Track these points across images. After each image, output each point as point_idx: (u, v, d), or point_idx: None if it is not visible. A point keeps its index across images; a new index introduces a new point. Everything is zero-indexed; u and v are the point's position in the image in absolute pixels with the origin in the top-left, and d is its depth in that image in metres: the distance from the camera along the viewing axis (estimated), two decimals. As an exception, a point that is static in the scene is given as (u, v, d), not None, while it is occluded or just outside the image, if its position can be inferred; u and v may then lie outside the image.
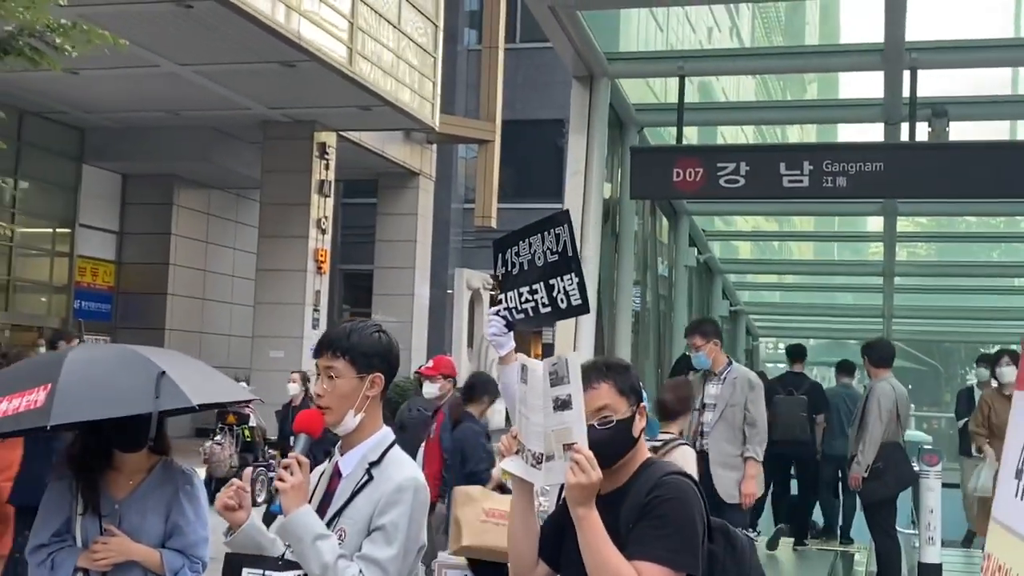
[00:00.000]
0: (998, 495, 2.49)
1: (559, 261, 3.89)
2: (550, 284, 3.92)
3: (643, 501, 2.74)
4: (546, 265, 3.93)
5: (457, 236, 33.28)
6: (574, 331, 8.73)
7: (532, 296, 3.98)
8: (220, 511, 2.84)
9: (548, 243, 3.93)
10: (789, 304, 22.11)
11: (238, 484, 2.83)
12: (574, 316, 4.08)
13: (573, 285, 3.83)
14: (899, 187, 8.89)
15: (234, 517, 2.83)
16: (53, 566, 3.60)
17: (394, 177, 28.51)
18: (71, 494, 3.66)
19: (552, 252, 3.93)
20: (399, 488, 2.84)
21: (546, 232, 3.97)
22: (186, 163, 25.22)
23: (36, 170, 23.85)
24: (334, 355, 2.92)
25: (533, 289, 3.98)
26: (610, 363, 2.95)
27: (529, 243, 4.04)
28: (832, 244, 20.00)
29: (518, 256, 4.10)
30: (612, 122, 10.05)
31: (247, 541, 2.83)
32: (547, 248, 3.94)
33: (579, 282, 3.81)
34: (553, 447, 2.73)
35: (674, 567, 2.66)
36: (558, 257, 3.90)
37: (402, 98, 22.81)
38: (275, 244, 23.69)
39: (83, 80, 19.21)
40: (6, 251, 23.16)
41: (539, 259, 3.97)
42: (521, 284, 4.05)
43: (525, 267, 4.06)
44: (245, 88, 20.98)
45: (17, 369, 3.86)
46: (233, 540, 2.84)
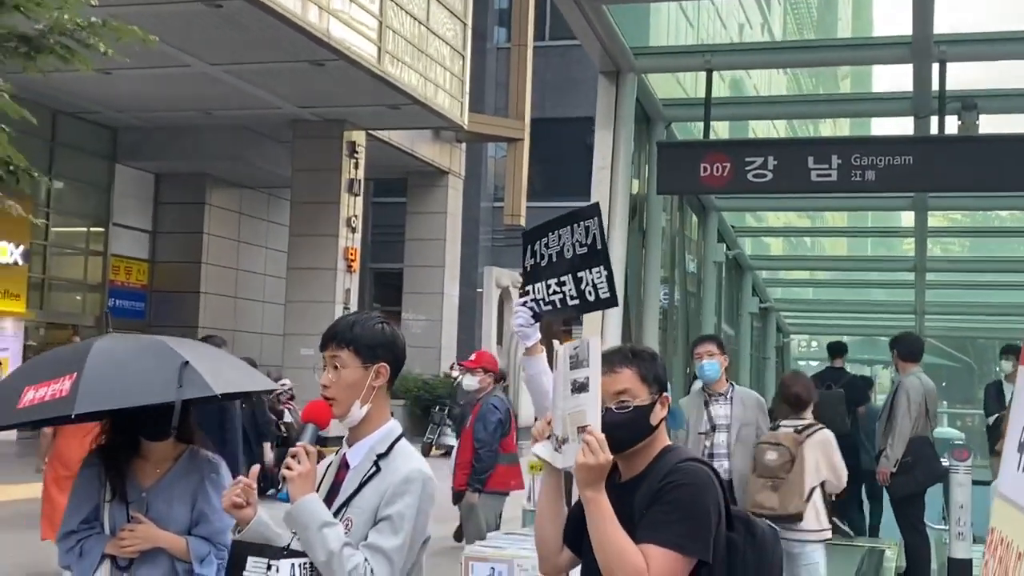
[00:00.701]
0: (1002, 469, 2.48)
1: (588, 254, 3.87)
2: (578, 277, 3.91)
3: (657, 487, 2.74)
4: (575, 257, 3.91)
5: (487, 234, 33.32)
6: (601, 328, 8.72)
7: (560, 288, 3.96)
8: (228, 509, 2.87)
9: (577, 235, 3.92)
10: (820, 301, 21.95)
11: (245, 482, 2.86)
12: (602, 309, 4.07)
13: (602, 278, 3.81)
14: (928, 180, 8.81)
15: (241, 514, 2.87)
16: (82, 553, 3.65)
17: (423, 176, 28.58)
18: (99, 482, 3.71)
19: (581, 244, 3.91)
20: (407, 479, 2.86)
21: (575, 224, 3.95)
22: (217, 162, 25.40)
23: (70, 170, 24.10)
24: (339, 346, 2.94)
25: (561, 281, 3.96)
26: (636, 350, 2.96)
27: (559, 235, 4.03)
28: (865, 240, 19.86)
29: (547, 248, 4.09)
30: (639, 117, 10.02)
31: (256, 537, 2.86)
32: (576, 240, 3.93)
33: (608, 275, 3.78)
34: (568, 430, 2.75)
35: (683, 552, 2.64)
36: (587, 250, 3.88)
37: (431, 97, 22.86)
38: (306, 243, 23.81)
39: (115, 80, 19.39)
40: (41, 250, 23.41)
41: (568, 251, 3.96)
42: (549, 276, 4.03)
43: (554, 259, 4.05)
44: (275, 87, 21.10)
45: (44, 359, 3.91)
46: (242, 536, 2.87)
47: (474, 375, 8.88)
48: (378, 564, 2.76)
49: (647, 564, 2.62)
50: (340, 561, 2.73)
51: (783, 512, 6.41)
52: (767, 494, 6.51)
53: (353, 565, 2.73)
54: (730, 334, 16.54)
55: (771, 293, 19.66)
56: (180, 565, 3.71)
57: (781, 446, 6.60)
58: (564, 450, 2.77)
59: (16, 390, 3.43)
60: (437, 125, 25.47)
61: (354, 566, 2.73)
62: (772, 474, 6.56)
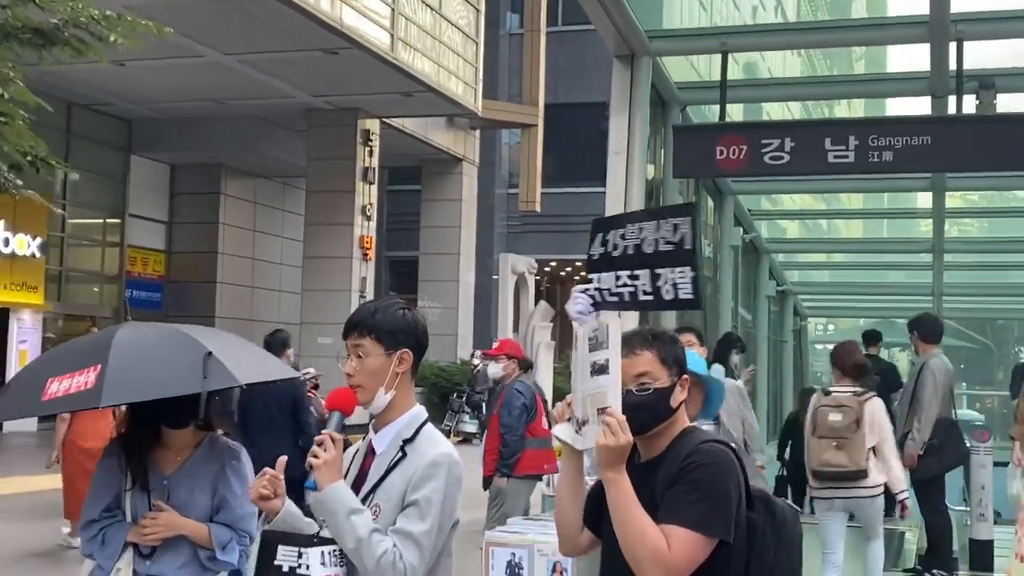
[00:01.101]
0: None
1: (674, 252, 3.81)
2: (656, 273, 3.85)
3: (678, 467, 2.73)
4: (657, 253, 3.85)
5: (501, 221, 33.30)
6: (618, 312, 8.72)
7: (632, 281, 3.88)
8: (255, 501, 2.87)
9: (663, 231, 3.86)
10: (838, 284, 21.89)
11: (271, 473, 2.86)
12: (679, 309, 4.01)
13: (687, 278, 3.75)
14: (946, 160, 8.75)
15: (269, 506, 2.86)
16: (104, 541, 3.66)
17: (438, 163, 28.58)
18: (120, 470, 3.72)
19: (666, 241, 3.86)
20: (433, 463, 2.85)
21: (663, 220, 3.90)
22: (232, 152, 25.45)
23: (85, 161, 24.17)
24: (361, 334, 2.93)
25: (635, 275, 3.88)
26: (656, 332, 2.96)
27: (639, 227, 3.97)
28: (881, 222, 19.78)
29: (623, 239, 4.03)
30: (654, 101, 9.98)
31: (284, 528, 2.86)
32: (661, 236, 3.86)
33: (694, 276, 3.71)
34: (588, 411, 2.75)
35: (704, 532, 2.64)
36: (673, 248, 3.82)
37: (444, 83, 22.84)
38: (321, 232, 23.85)
39: (129, 71, 19.42)
40: (58, 242, 23.51)
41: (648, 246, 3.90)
42: (621, 267, 3.97)
43: (629, 251, 3.98)
44: (289, 76, 21.11)
45: (67, 350, 3.91)
46: (272, 526, 2.87)
47: (498, 362, 8.95)
48: (407, 549, 2.76)
49: (668, 544, 2.62)
50: (369, 547, 2.73)
51: (853, 468, 6.93)
52: (833, 453, 6.96)
53: (382, 551, 2.73)
54: (747, 318, 16.51)
55: (788, 276, 19.61)
56: (202, 552, 3.72)
57: (845, 407, 7.03)
58: (584, 432, 2.77)
59: (40, 381, 3.43)
60: (451, 112, 25.44)
61: (383, 551, 2.73)
62: (838, 435, 6.98)
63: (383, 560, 2.72)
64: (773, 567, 2.77)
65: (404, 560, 2.74)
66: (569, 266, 34.92)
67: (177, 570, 3.70)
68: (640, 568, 2.64)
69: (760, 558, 2.75)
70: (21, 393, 3.65)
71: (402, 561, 2.74)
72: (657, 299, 3.78)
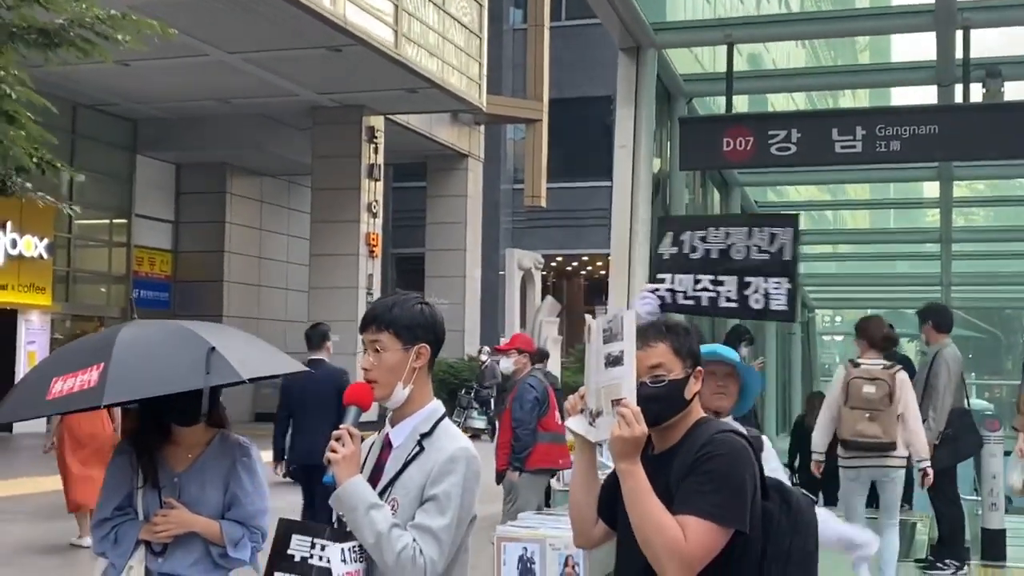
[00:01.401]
0: None
1: (769, 262, 3.67)
2: (745, 281, 3.71)
3: (692, 458, 2.72)
4: (748, 261, 3.71)
5: (507, 217, 33.30)
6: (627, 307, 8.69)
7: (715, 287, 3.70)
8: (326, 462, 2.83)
9: (757, 239, 3.74)
10: (845, 275, 21.83)
11: (348, 428, 2.83)
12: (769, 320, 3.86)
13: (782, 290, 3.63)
14: (954, 149, 8.72)
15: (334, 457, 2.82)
16: (116, 539, 3.65)
17: (443, 159, 28.58)
18: (131, 468, 3.72)
19: (760, 250, 3.73)
20: (451, 458, 2.84)
21: (757, 228, 3.77)
22: (238, 151, 25.47)
23: (91, 162, 24.17)
24: (378, 329, 2.92)
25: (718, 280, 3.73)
26: (670, 324, 2.94)
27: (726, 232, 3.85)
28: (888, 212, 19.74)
29: (703, 241, 3.90)
30: (660, 94, 9.94)
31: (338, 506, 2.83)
32: (754, 244, 3.73)
33: (790, 289, 3.53)
34: (602, 403, 2.73)
35: (719, 522, 2.62)
36: (768, 257, 3.69)
37: (449, 79, 22.83)
38: (327, 229, 23.86)
39: (134, 72, 19.44)
40: (65, 243, 23.55)
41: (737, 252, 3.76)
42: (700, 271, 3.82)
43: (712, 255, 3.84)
44: (293, 74, 21.12)
45: (71, 349, 3.90)
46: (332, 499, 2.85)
47: (509, 357, 8.93)
48: (427, 544, 2.75)
49: (684, 535, 2.61)
50: (389, 542, 2.72)
51: (886, 440, 7.13)
52: (866, 424, 7.13)
53: (402, 546, 2.72)
54: (755, 310, 16.47)
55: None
56: (214, 549, 3.71)
57: (879, 380, 7.19)
58: (598, 423, 2.76)
59: (44, 381, 3.43)
60: (455, 108, 25.44)
61: (403, 547, 2.72)
62: (872, 406, 7.14)
63: (403, 555, 2.71)
64: (789, 555, 2.75)
65: (424, 555, 2.74)
66: (575, 261, 34.91)
67: (189, 567, 3.69)
68: (657, 560, 2.64)
69: (776, 546, 2.74)
70: (26, 394, 3.65)
71: (422, 556, 2.73)
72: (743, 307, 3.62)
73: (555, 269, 34.36)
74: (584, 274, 37.00)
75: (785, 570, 2.75)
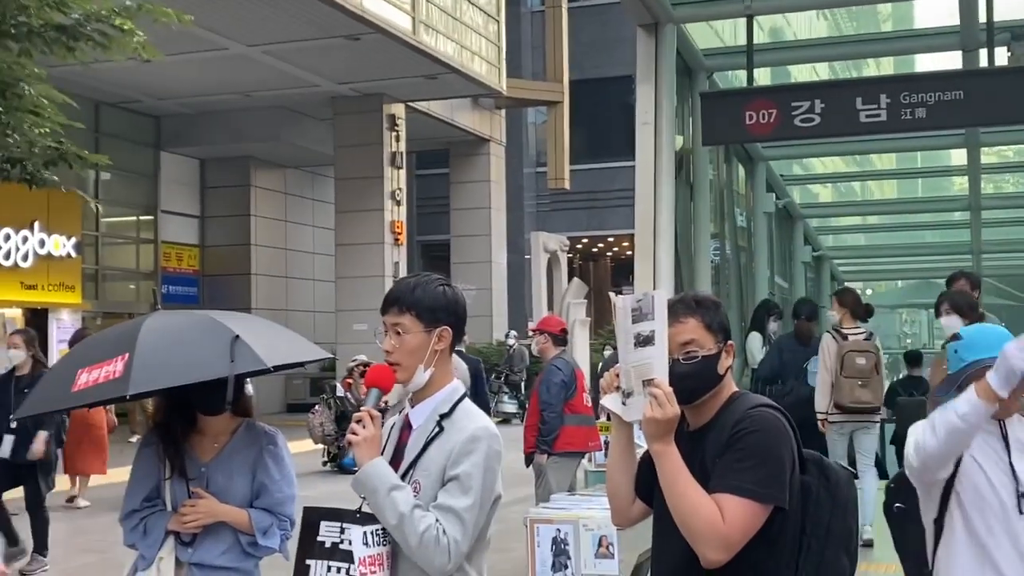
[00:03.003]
0: None
1: None
2: None
3: (728, 434, 2.68)
4: None
5: (531, 200, 33.24)
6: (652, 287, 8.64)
7: None
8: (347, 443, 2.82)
9: None
10: (874, 246, 21.68)
11: (369, 411, 2.81)
12: None
13: None
14: (980, 114, 8.64)
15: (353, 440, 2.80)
16: (146, 530, 3.65)
17: (465, 145, 28.54)
18: (158, 459, 3.71)
19: None
20: (472, 438, 2.81)
21: None
22: (260, 144, 25.52)
23: (115, 159, 24.07)
24: (400, 311, 2.88)
25: None
26: (699, 298, 2.88)
27: None
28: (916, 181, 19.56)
29: None
30: (680, 69, 9.88)
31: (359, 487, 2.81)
32: None
33: None
34: (633, 383, 2.70)
35: (758, 499, 2.58)
36: None
37: (468, 64, 22.76)
38: (352, 219, 23.89)
39: (155, 67, 19.40)
40: (92, 241, 23.69)
41: None
42: None
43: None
44: (312, 65, 21.12)
45: (95, 340, 3.90)
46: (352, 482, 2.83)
47: (535, 340, 8.94)
48: (450, 524, 2.72)
49: (722, 515, 2.57)
50: (412, 523, 2.69)
51: (875, 403, 8.25)
52: (861, 391, 8.13)
53: (425, 526, 2.69)
54: (783, 285, 16.37)
55: (823, 241, 19.42)
56: (244, 538, 3.70)
57: (868, 352, 8.20)
58: (629, 403, 2.72)
59: (71, 372, 3.43)
60: (475, 93, 25.38)
61: (426, 527, 2.69)
62: (863, 375, 8.14)
63: (426, 536, 2.69)
64: (828, 530, 2.71)
65: (448, 535, 2.71)
66: (601, 242, 34.81)
67: (219, 556, 3.68)
68: (695, 541, 2.60)
69: (815, 522, 2.70)
70: (53, 386, 3.65)
71: (445, 536, 2.71)
72: None
73: (581, 251, 34.28)
74: (610, 255, 36.90)
75: (825, 545, 2.70)
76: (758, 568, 2.64)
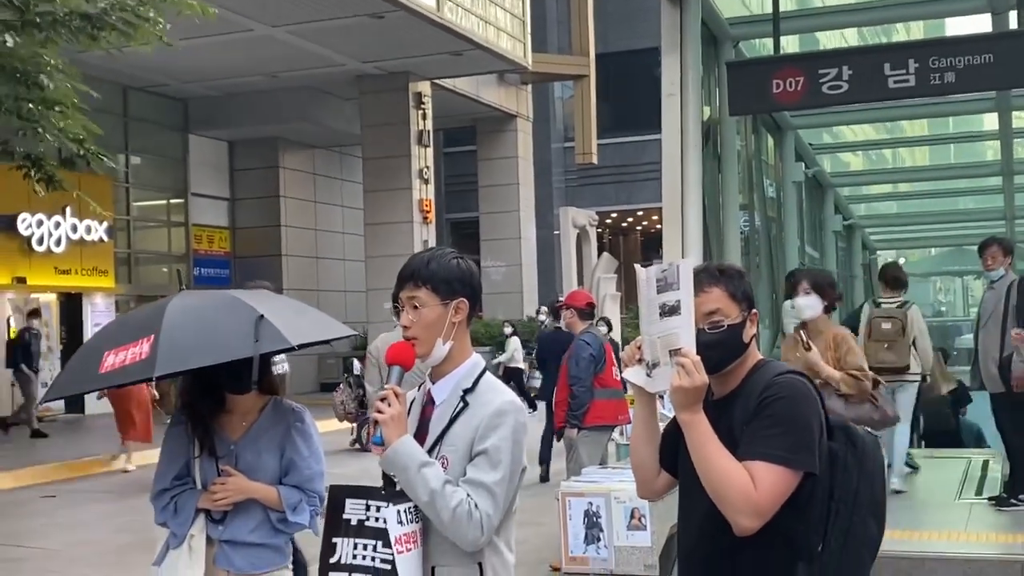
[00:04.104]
0: None
1: None
2: None
3: (755, 402, 2.66)
4: None
5: (559, 176, 33.16)
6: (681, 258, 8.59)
7: None
8: None
9: None
10: (906, 214, 21.46)
11: (392, 388, 2.80)
12: None
13: None
14: (1011, 77, 8.54)
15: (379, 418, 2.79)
16: (176, 509, 3.69)
17: (492, 122, 28.49)
18: (187, 438, 3.74)
19: None
20: (499, 412, 2.80)
21: None
22: (288, 125, 25.58)
23: (144, 144, 24.47)
24: (416, 285, 2.88)
25: None
26: (723, 267, 2.87)
27: None
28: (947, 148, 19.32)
29: None
30: (705, 39, 9.80)
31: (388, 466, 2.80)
32: None
33: None
34: (659, 353, 2.68)
35: (789, 466, 2.57)
36: None
37: (493, 40, 22.68)
38: (380, 198, 23.92)
39: (181, 51, 19.38)
40: (124, 225, 23.87)
41: None
42: None
43: None
44: (337, 44, 21.11)
45: (121, 322, 3.93)
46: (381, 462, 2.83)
47: (563, 315, 8.95)
48: (481, 498, 2.73)
49: (754, 483, 2.56)
50: (444, 498, 2.69)
51: (900, 364, 8.66)
52: (885, 353, 8.61)
53: (457, 501, 2.70)
54: (814, 256, 16.26)
55: (854, 210, 19.25)
56: (273, 515, 3.72)
57: (893, 318, 8.72)
58: (655, 374, 2.70)
59: (97, 355, 3.45)
60: (501, 68, 25.30)
61: (458, 502, 2.70)
62: (888, 338, 8.66)
63: (458, 511, 2.69)
64: (857, 496, 2.70)
65: (480, 509, 2.71)
66: (630, 216, 34.71)
67: (249, 533, 3.71)
68: (728, 509, 2.58)
69: (843, 488, 2.69)
70: (79, 368, 3.68)
71: (477, 511, 2.71)
72: None
73: (610, 226, 34.19)
74: (640, 229, 36.78)
75: (853, 511, 2.69)
76: (787, 534, 2.63)
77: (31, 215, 20.21)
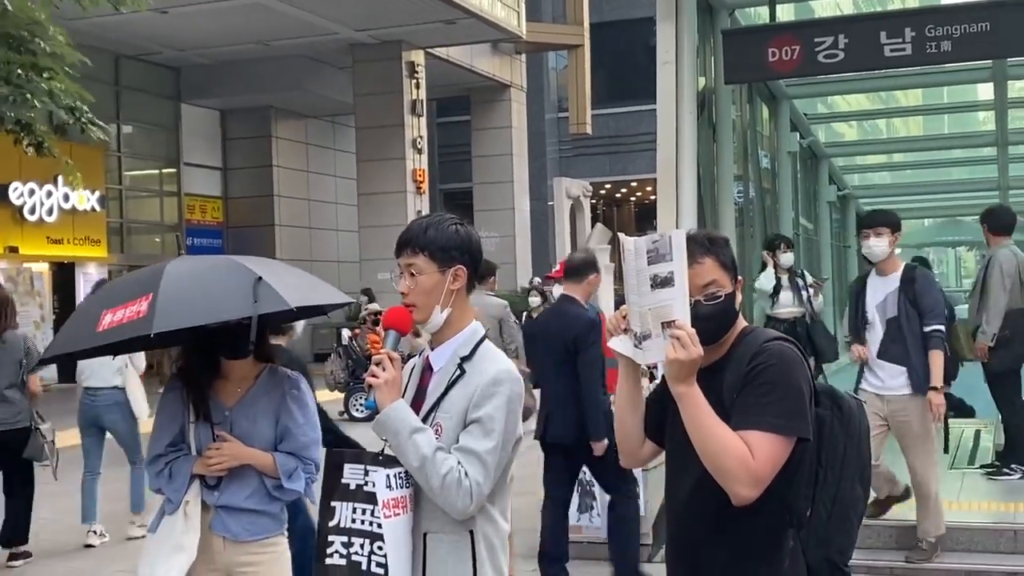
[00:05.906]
0: None
1: None
2: None
3: (745, 370, 2.66)
4: None
5: (553, 146, 33.06)
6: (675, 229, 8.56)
7: None
8: None
9: None
10: (900, 185, 21.45)
11: (389, 353, 2.81)
12: None
13: None
14: (1008, 46, 8.49)
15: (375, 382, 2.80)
16: (171, 474, 3.68)
17: (485, 91, 28.38)
18: (183, 404, 3.73)
19: None
20: (494, 381, 2.79)
21: None
22: (280, 94, 25.49)
23: (137, 113, 24.37)
24: (413, 252, 2.86)
25: None
26: (712, 236, 2.85)
27: None
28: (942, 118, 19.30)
29: None
30: (701, 7, 9.73)
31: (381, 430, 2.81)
32: None
33: None
34: (650, 325, 2.66)
35: (784, 433, 2.57)
36: None
37: (487, 8, 22.55)
38: (373, 168, 23.86)
39: (173, 19, 19.42)
40: (116, 195, 23.79)
41: None
42: None
43: None
44: (330, 12, 20.98)
45: (119, 283, 3.92)
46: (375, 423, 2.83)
47: (560, 285, 8.89)
48: (472, 466, 2.72)
49: (750, 450, 2.56)
50: (434, 465, 2.69)
51: None
52: None
53: (447, 469, 2.69)
54: (808, 227, 16.25)
55: (848, 180, 19.23)
56: (269, 481, 3.72)
57: None
58: (646, 346, 2.67)
59: (95, 314, 3.44)
60: (495, 38, 25.18)
61: (448, 469, 2.69)
62: None
63: (448, 478, 2.69)
64: (844, 460, 2.72)
65: (470, 477, 2.70)
66: (624, 187, 34.64)
67: (245, 499, 3.70)
68: (727, 479, 2.58)
69: (830, 452, 2.71)
70: (77, 327, 3.66)
71: (467, 478, 2.70)
72: None
73: (604, 197, 34.12)
74: (634, 200, 36.73)
75: (840, 476, 2.71)
76: (777, 500, 2.64)
77: (23, 184, 20.12)
